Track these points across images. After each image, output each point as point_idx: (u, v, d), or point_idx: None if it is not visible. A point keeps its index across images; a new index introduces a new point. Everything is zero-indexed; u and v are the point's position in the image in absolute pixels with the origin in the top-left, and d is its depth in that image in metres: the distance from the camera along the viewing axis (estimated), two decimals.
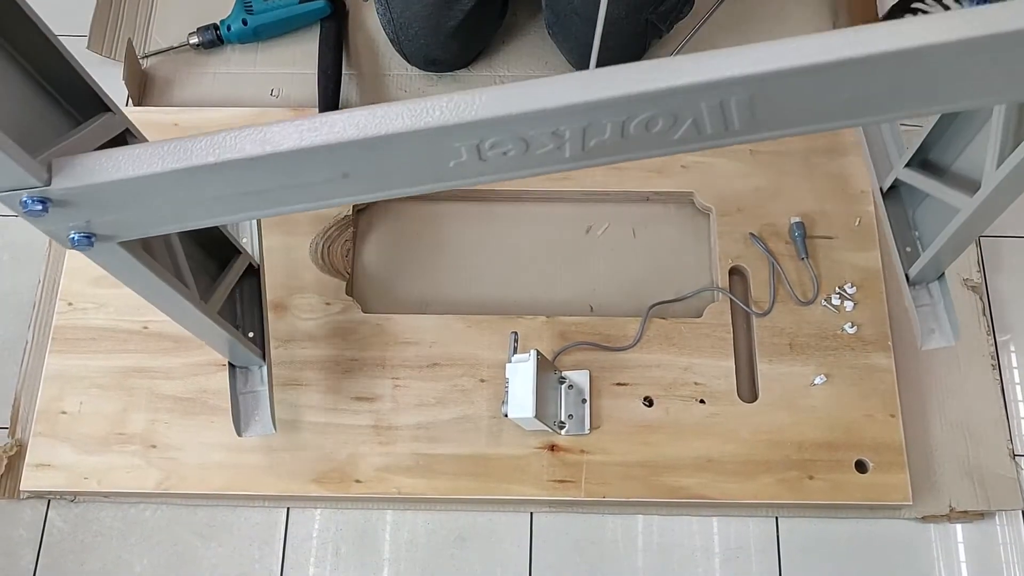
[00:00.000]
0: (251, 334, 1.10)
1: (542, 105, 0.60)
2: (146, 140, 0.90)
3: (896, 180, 1.10)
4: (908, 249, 1.11)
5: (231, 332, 1.01)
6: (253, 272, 1.14)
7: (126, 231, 0.74)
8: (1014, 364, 1.25)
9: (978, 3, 1.39)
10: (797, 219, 1.25)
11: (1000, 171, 0.85)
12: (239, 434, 1.07)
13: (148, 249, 0.86)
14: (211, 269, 1.06)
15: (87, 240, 0.71)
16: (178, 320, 0.97)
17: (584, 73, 0.62)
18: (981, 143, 0.92)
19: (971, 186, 0.92)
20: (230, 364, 1.10)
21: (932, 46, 0.59)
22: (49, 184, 0.63)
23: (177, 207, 0.71)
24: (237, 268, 1.08)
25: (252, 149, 0.62)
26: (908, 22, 0.60)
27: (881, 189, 1.14)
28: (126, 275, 0.84)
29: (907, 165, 1.06)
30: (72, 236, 0.70)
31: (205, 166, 0.63)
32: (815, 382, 1.17)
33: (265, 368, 1.09)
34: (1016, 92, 0.71)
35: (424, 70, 1.43)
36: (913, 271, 1.08)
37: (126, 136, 0.86)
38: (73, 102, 0.79)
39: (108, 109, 0.82)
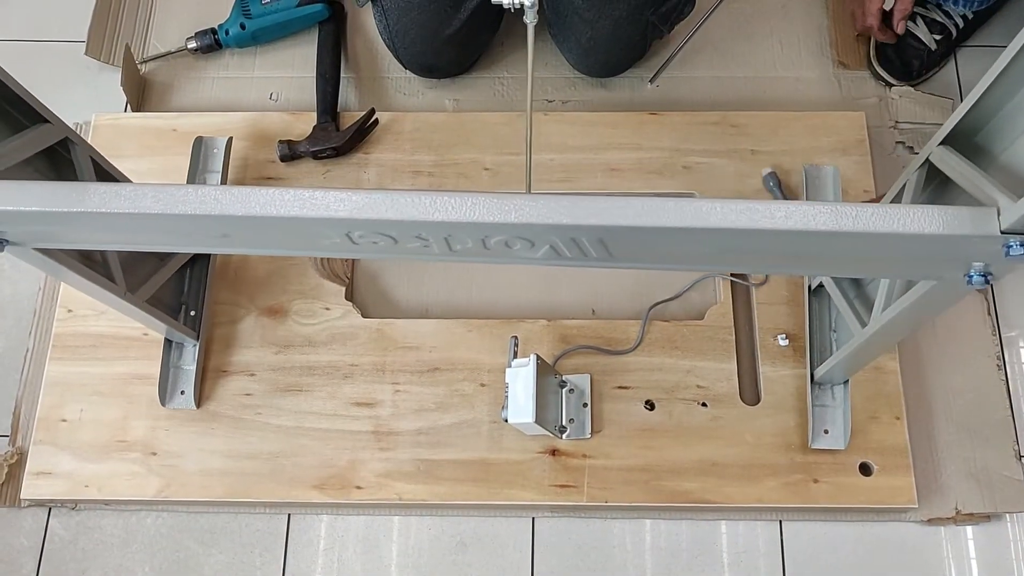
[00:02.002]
0: (192, 312, 1.18)
1: (392, 217, 0.65)
2: (89, 146, 0.91)
3: (822, 282, 1.14)
4: (823, 348, 1.15)
5: (160, 317, 1.08)
6: (206, 255, 1.21)
7: (35, 242, 0.79)
8: (1021, 360, 1.24)
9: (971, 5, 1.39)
10: (769, 170, 1.27)
11: (883, 316, 0.90)
12: (162, 404, 1.16)
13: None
14: (161, 253, 1.11)
15: None
16: (107, 305, 1.02)
17: (439, 195, 0.65)
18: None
19: (868, 317, 0.96)
20: (166, 338, 1.17)
21: (755, 231, 0.63)
22: None
23: (76, 236, 0.77)
24: (181, 256, 1.14)
25: (123, 206, 0.66)
26: (748, 204, 0.64)
27: (810, 287, 1.18)
28: (47, 270, 0.88)
29: None
30: None
31: (86, 213, 0.68)
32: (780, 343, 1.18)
33: (198, 347, 1.17)
34: (866, 272, 0.82)
35: (421, 76, 1.42)
36: (819, 372, 1.12)
37: (67, 143, 0.88)
38: (18, 111, 0.82)
39: (46, 120, 0.84)
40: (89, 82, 1.44)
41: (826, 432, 1.12)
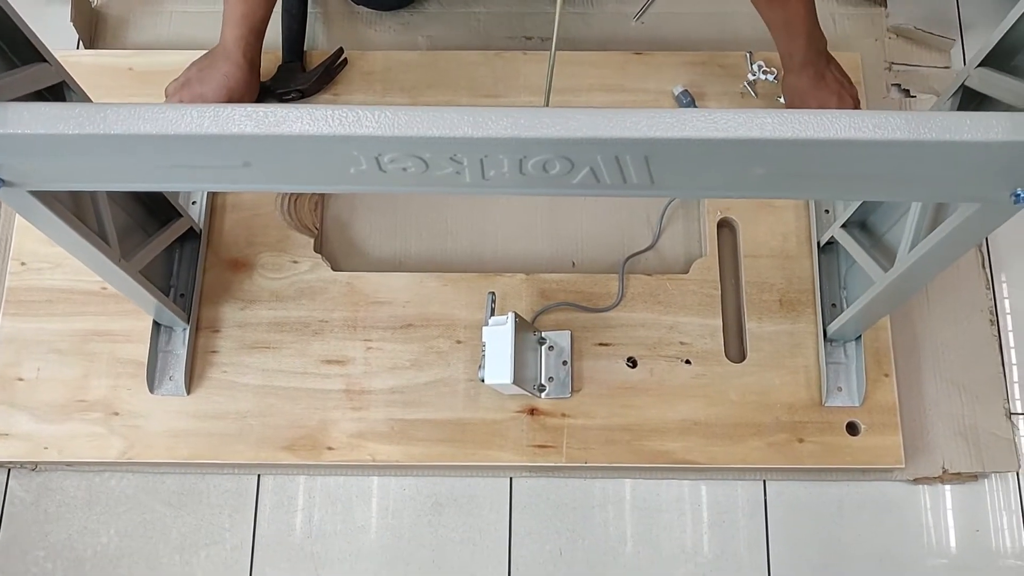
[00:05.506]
0: (182, 295, 1.13)
1: (432, 133, 0.61)
2: (84, 94, 0.85)
3: (832, 237, 1.10)
4: (833, 304, 1.12)
5: (151, 291, 1.01)
6: (196, 236, 1.15)
7: (35, 182, 0.73)
8: (1015, 315, 1.20)
9: None
10: (681, 88, 1.24)
11: (911, 255, 0.86)
12: (150, 391, 1.11)
13: (70, 200, 0.84)
14: (150, 228, 1.05)
15: None
16: (97, 273, 0.96)
17: (482, 109, 0.61)
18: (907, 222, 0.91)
19: (891, 261, 0.92)
20: (155, 321, 1.12)
21: (817, 141, 0.61)
22: None
23: (84, 169, 0.71)
24: (174, 230, 1.08)
25: (149, 128, 0.62)
26: (812, 114, 0.60)
27: (819, 243, 1.14)
28: (39, 223, 0.82)
29: (844, 225, 1.06)
30: None
31: (104, 135, 0.63)
32: None
33: (188, 331, 1.12)
34: (910, 194, 0.77)
35: (368, 6, 1.33)
36: (832, 328, 1.09)
37: (62, 88, 0.82)
38: (11, 46, 0.77)
39: (44, 60, 0.79)
40: (36, 17, 1.29)
41: (839, 389, 1.10)
